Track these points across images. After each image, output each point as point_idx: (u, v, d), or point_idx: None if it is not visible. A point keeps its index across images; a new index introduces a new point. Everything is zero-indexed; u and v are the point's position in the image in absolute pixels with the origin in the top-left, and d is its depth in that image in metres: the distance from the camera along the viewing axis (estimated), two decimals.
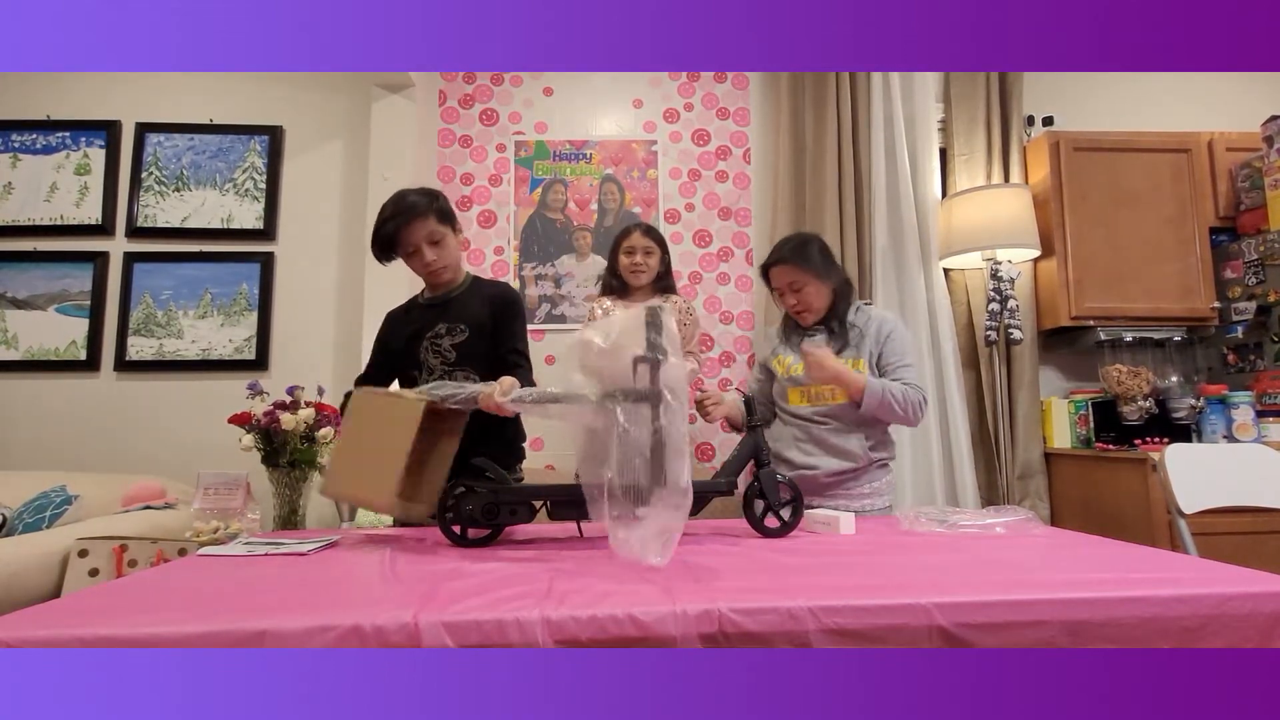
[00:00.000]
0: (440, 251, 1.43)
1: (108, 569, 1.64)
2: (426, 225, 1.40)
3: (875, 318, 1.64)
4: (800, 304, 1.61)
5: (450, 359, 1.45)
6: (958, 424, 2.52)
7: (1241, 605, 0.78)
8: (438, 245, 1.42)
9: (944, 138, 2.76)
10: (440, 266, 1.44)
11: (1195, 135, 2.61)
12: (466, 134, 2.79)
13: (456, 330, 1.46)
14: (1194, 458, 1.69)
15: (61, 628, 0.69)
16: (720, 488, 1.23)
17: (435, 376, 1.45)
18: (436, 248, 1.42)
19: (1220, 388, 2.38)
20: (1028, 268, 2.62)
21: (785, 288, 1.62)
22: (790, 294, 1.62)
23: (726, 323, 2.75)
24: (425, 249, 1.41)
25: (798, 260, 1.61)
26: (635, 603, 0.75)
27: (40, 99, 2.72)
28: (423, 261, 1.42)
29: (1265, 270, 2.41)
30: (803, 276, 1.60)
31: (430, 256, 1.41)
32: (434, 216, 1.40)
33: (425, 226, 1.39)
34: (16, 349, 2.61)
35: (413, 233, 1.39)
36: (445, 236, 1.43)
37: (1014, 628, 0.76)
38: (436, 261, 1.42)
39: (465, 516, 1.13)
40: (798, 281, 1.61)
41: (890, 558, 1.03)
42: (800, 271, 1.60)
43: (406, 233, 1.39)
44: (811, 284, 1.60)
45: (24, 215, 2.66)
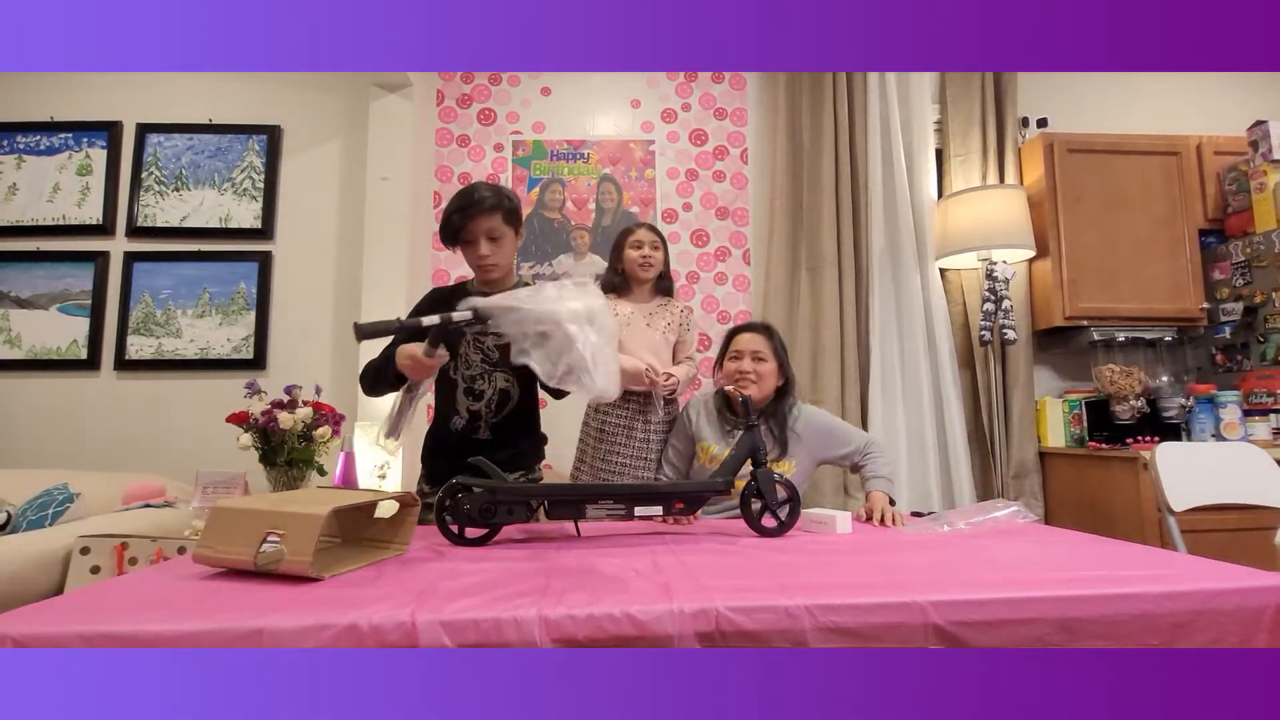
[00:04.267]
0: (496, 249, 1.45)
1: (109, 566, 1.65)
2: (490, 220, 1.43)
3: (806, 416, 1.69)
4: (756, 374, 1.63)
5: (493, 358, 1.46)
6: (953, 423, 2.53)
7: (1228, 600, 0.80)
8: (495, 242, 1.45)
9: (940, 138, 2.77)
10: (492, 263, 1.46)
11: (1184, 138, 2.63)
12: (464, 133, 2.79)
13: None
14: (1183, 456, 1.71)
15: (64, 624, 0.70)
16: (717, 487, 1.24)
17: (474, 373, 1.46)
18: (494, 244, 1.45)
19: (1209, 387, 2.41)
20: (1023, 268, 2.64)
21: (749, 354, 1.65)
22: (750, 360, 1.65)
23: (724, 322, 2.76)
24: (483, 242, 1.44)
25: (769, 336, 1.69)
26: (633, 601, 0.75)
27: (44, 100, 2.72)
28: (477, 254, 1.45)
29: (1252, 272, 2.44)
30: (768, 352, 1.66)
31: (485, 250, 1.44)
32: (500, 215, 1.43)
33: (489, 221, 1.42)
34: (20, 348, 2.61)
35: (477, 225, 1.43)
36: (505, 236, 1.46)
37: (1008, 625, 0.77)
38: (489, 257, 1.45)
39: (463, 516, 1.14)
40: (763, 353, 1.66)
41: (886, 556, 1.04)
42: (768, 346, 1.67)
43: (472, 224, 1.43)
44: (771, 363, 1.66)
45: (27, 215, 2.66)
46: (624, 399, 1.93)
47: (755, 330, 1.71)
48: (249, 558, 0.89)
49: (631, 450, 1.90)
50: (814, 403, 2.54)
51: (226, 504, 0.95)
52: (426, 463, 1.53)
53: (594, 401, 1.99)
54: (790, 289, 2.66)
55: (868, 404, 2.56)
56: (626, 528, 1.31)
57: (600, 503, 1.18)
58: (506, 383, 1.46)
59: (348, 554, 1.04)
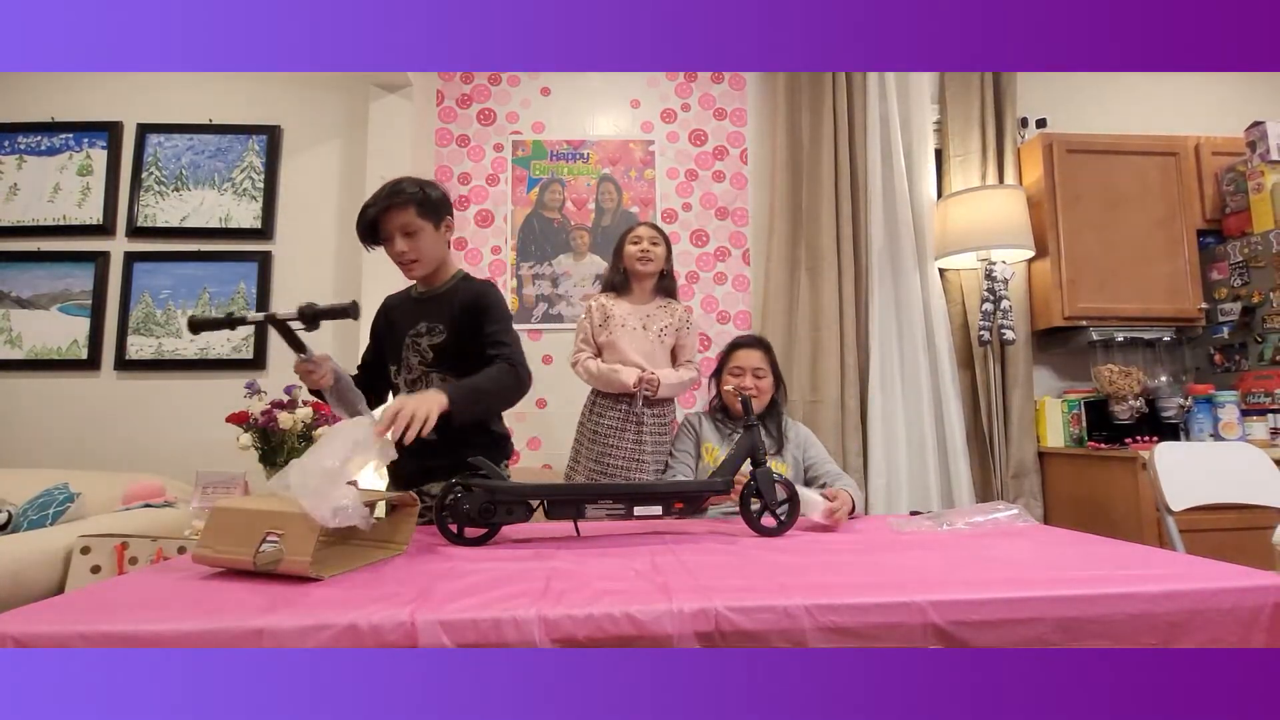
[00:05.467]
0: (412, 244, 1.38)
1: (109, 566, 1.65)
2: (404, 215, 1.36)
3: (793, 426, 1.79)
4: (757, 390, 1.73)
5: (428, 359, 1.41)
6: (952, 423, 2.54)
7: (1226, 600, 0.80)
8: (411, 237, 1.38)
9: (939, 139, 2.77)
10: (411, 260, 1.40)
11: (1182, 139, 2.64)
12: (464, 134, 2.79)
13: (435, 330, 1.41)
14: (1181, 456, 1.71)
15: (65, 624, 0.70)
16: (716, 487, 1.24)
17: (413, 376, 1.42)
18: (409, 239, 1.38)
19: (1207, 387, 2.41)
20: (1022, 268, 2.64)
21: (750, 371, 1.75)
22: (752, 377, 1.74)
23: (724, 323, 2.76)
24: (397, 239, 1.37)
25: (766, 351, 1.80)
26: (632, 601, 0.75)
27: (44, 101, 2.72)
28: (395, 251, 1.39)
29: (1250, 272, 2.45)
30: (766, 367, 1.77)
31: (400, 247, 1.37)
32: (414, 208, 1.37)
33: (402, 216, 1.36)
34: (20, 348, 2.61)
35: (389, 220, 1.37)
36: (422, 230, 1.38)
37: (1007, 625, 0.77)
38: (406, 254, 1.38)
39: (462, 516, 1.14)
40: (763, 369, 1.76)
41: (885, 556, 1.04)
42: (766, 361, 1.78)
43: (384, 219, 1.37)
44: (769, 377, 1.77)
45: (28, 216, 2.67)
46: (616, 401, 1.94)
47: (754, 346, 1.80)
48: (249, 558, 0.89)
49: (624, 452, 1.91)
50: (813, 403, 2.57)
51: (226, 504, 0.95)
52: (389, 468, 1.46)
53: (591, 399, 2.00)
54: (790, 289, 2.66)
55: (867, 404, 2.57)
56: (626, 527, 1.31)
57: (600, 503, 1.18)
58: (444, 381, 1.37)
59: (348, 554, 1.04)
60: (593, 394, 2.02)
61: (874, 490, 2.49)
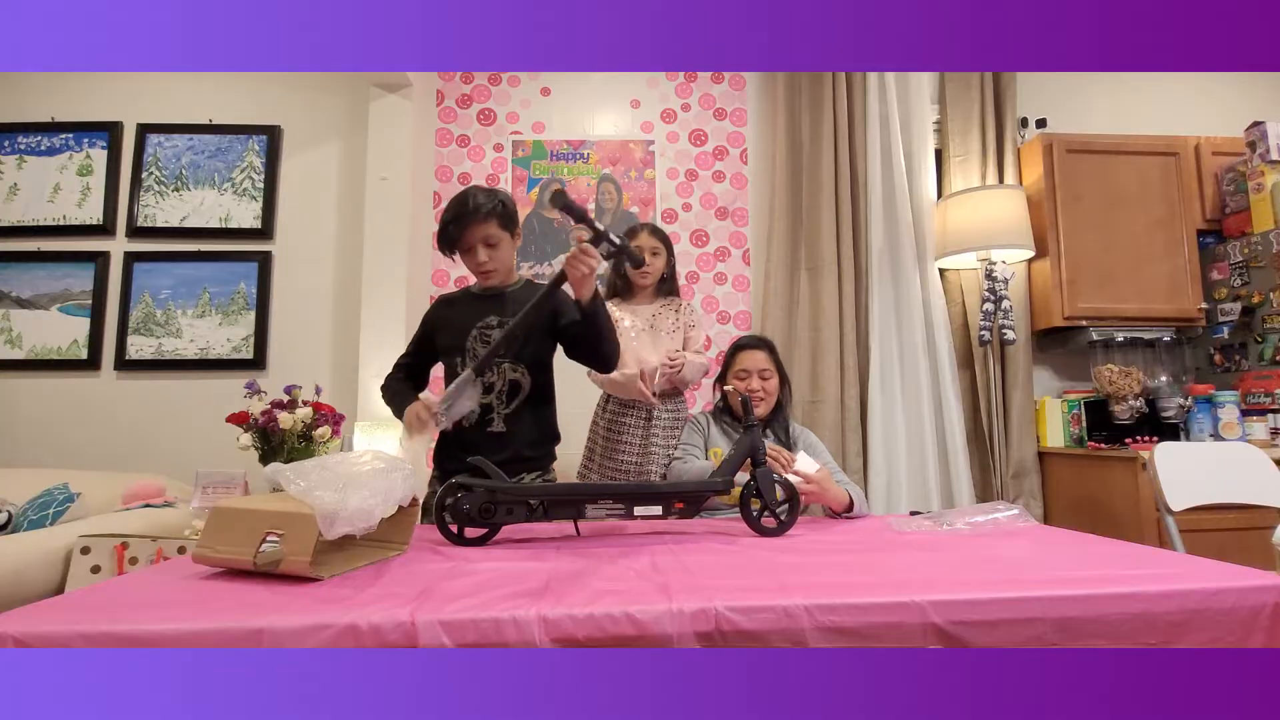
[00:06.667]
0: (493, 254, 1.47)
1: (109, 566, 1.65)
2: (486, 227, 1.45)
3: (798, 429, 1.77)
4: (763, 392, 1.71)
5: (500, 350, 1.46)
6: (953, 423, 2.54)
7: (1225, 600, 0.80)
8: (493, 248, 1.47)
9: (939, 139, 2.77)
10: (491, 269, 1.48)
11: (1182, 139, 2.64)
12: (464, 134, 2.79)
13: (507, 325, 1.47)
14: (1182, 456, 1.71)
15: (65, 624, 0.70)
16: (717, 486, 1.24)
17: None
18: (491, 250, 1.47)
19: (1207, 388, 2.41)
20: (1022, 268, 2.64)
21: (756, 373, 1.72)
22: (758, 379, 1.72)
23: (724, 323, 2.76)
24: (480, 250, 1.46)
25: (771, 352, 1.77)
26: (632, 602, 0.75)
27: (44, 101, 2.72)
28: (475, 261, 1.47)
29: (1250, 272, 2.45)
30: (772, 369, 1.74)
31: (483, 257, 1.46)
32: (495, 221, 1.45)
33: (484, 229, 1.44)
34: (20, 348, 2.61)
35: (472, 233, 1.45)
36: (502, 240, 1.47)
37: (1006, 625, 0.77)
38: (488, 263, 1.47)
39: (462, 516, 1.14)
40: (769, 371, 1.73)
41: (885, 556, 1.04)
42: (771, 362, 1.75)
43: (468, 233, 1.45)
44: (775, 378, 1.74)
45: (29, 216, 2.67)
46: (631, 399, 1.93)
47: (758, 347, 1.78)
48: (249, 558, 0.89)
49: (638, 450, 1.90)
50: (813, 403, 2.56)
51: (226, 504, 0.95)
52: (439, 463, 1.53)
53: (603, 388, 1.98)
54: (790, 289, 2.66)
55: (867, 404, 2.57)
56: (626, 527, 1.31)
57: (600, 503, 1.18)
58: (515, 372, 1.48)
59: (348, 554, 1.04)
60: (605, 394, 2.01)
61: (874, 490, 2.49)
